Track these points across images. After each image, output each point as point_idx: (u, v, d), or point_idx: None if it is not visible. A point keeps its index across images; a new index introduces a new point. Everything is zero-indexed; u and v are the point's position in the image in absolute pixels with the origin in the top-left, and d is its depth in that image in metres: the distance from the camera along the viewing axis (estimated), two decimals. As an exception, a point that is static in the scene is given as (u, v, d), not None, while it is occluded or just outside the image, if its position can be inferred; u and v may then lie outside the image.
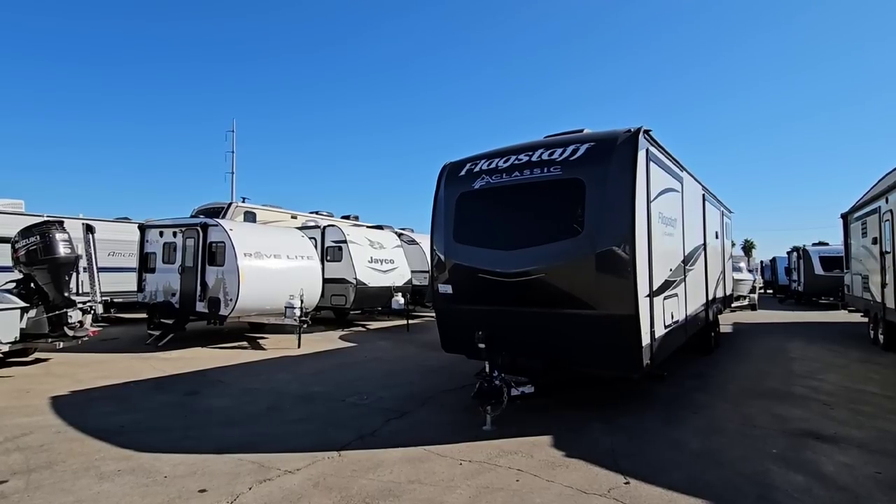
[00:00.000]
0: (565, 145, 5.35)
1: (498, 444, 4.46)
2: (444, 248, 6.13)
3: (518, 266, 5.30)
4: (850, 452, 4.26)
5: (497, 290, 5.51)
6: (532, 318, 5.43)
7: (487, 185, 5.79)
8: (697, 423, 5.12)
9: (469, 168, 6.11)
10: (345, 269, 13.05)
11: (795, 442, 4.53)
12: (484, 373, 5.00)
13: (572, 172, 5.16)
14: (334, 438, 4.61)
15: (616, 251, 4.79)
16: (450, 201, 6.18)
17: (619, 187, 4.87)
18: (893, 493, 3.47)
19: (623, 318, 4.80)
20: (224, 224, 10.37)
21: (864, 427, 4.97)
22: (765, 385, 6.83)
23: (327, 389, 6.57)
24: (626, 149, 4.98)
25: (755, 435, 4.73)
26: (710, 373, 7.65)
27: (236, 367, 8.17)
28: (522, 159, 5.60)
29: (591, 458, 4.13)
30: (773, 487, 3.57)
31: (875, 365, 8.27)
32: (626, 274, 4.75)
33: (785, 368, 7.99)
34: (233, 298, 9.82)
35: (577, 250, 4.97)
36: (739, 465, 3.98)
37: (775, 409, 5.64)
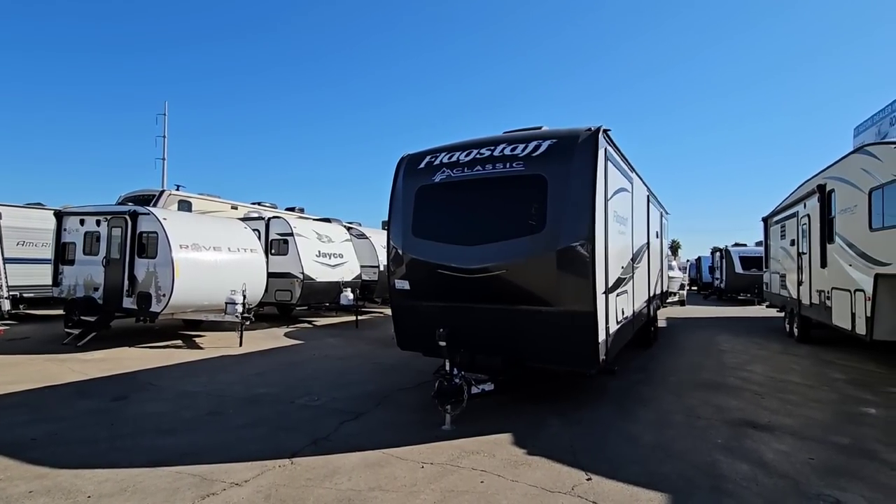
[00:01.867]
0: (527, 141, 5.33)
1: (459, 445, 4.36)
2: (402, 242, 5.94)
3: (478, 262, 5.22)
4: (785, 440, 4.57)
5: (456, 286, 5.41)
6: (492, 315, 5.38)
7: (448, 178, 5.66)
8: (647, 415, 5.31)
9: (429, 161, 5.95)
10: (291, 262, 12.46)
11: (736, 431, 4.80)
12: (443, 371, 4.88)
13: (535, 169, 5.14)
14: (285, 444, 4.31)
15: (576, 248, 4.84)
16: (408, 194, 5.99)
17: (580, 185, 4.91)
18: (828, 478, 3.73)
19: (581, 314, 4.86)
20: (157, 212, 9.52)
21: (793, 415, 5.37)
22: (702, 377, 7.24)
23: (275, 391, 6.18)
24: (587, 147, 5.03)
25: (700, 426, 4.97)
26: (652, 366, 8.01)
27: (171, 368, 7.53)
28: (484, 154, 5.52)
29: (553, 454, 4.13)
30: (723, 477, 3.74)
31: (794, 356, 9.04)
32: (586, 271, 4.81)
33: (717, 360, 8.54)
34: (166, 294, 9.04)
35: (538, 247, 4.97)
36: (690, 457, 4.14)
37: (714, 399, 5.97)
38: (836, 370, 7.76)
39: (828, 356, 8.92)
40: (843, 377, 7.27)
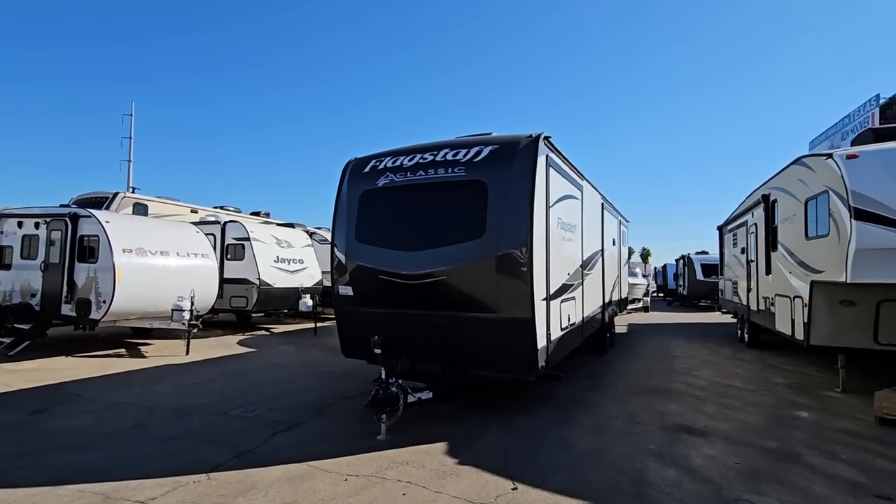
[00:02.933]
0: (469, 147, 5.30)
1: (390, 455, 4.25)
2: (346, 247, 5.81)
3: (420, 267, 5.14)
4: (716, 445, 4.63)
5: (398, 291, 5.32)
6: (433, 322, 5.31)
7: (391, 183, 5.58)
8: (587, 422, 5.31)
9: (374, 165, 5.85)
10: (247, 268, 12.12)
11: (671, 437, 4.84)
12: (380, 379, 4.77)
13: (475, 174, 5.11)
14: (206, 458, 4.10)
15: (515, 254, 4.81)
16: (352, 199, 5.88)
17: (519, 191, 4.90)
18: (749, 483, 3.78)
19: (519, 321, 4.83)
20: (98, 215, 9.10)
21: (729, 420, 5.46)
22: (649, 382, 7.32)
23: (211, 401, 5.93)
24: (526, 153, 5.03)
25: (637, 432, 4.99)
26: (603, 372, 8.07)
27: (104, 378, 7.15)
28: (427, 158, 5.46)
29: (484, 464, 4.06)
30: (649, 484, 3.74)
31: (741, 361, 9.27)
32: (524, 277, 4.78)
33: (667, 366, 8.68)
34: (106, 300, 8.63)
35: (478, 253, 4.92)
36: (621, 463, 4.13)
37: (656, 405, 6.03)
38: (779, 375, 7.98)
39: (773, 361, 9.19)
40: (784, 381, 7.48)
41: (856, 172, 5.58)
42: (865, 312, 6.47)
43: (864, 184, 5.48)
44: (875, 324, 6.48)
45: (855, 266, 5.45)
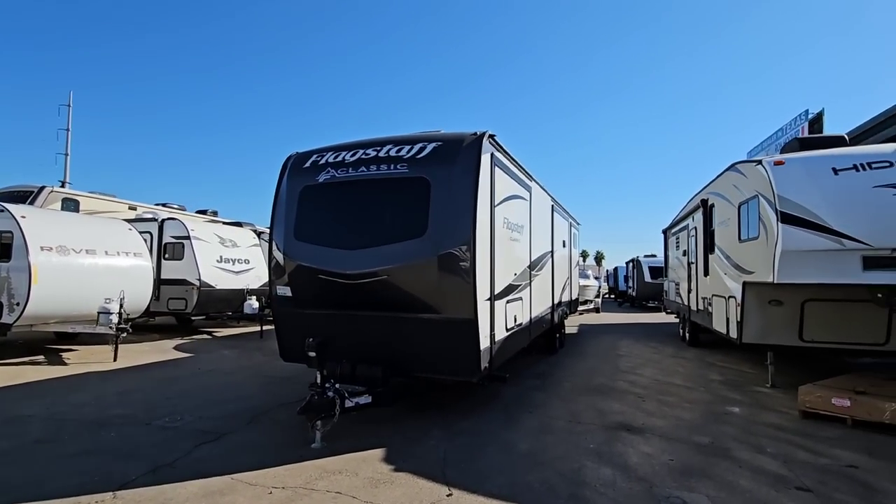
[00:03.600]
0: (413, 143, 5.17)
1: (322, 464, 4.03)
2: (284, 245, 5.53)
3: (360, 267, 4.95)
4: (652, 442, 4.70)
5: (338, 292, 5.10)
6: (374, 323, 5.13)
7: (332, 179, 5.35)
8: (531, 422, 5.28)
9: (315, 160, 5.61)
10: (187, 268, 11.44)
11: (610, 435, 4.88)
12: (316, 384, 4.54)
13: (418, 171, 4.98)
14: (115, 474, 3.74)
15: (457, 254, 4.71)
16: (292, 195, 5.61)
17: (462, 189, 4.81)
18: (681, 479, 3.83)
19: (462, 322, 4.74)
20: (13, 209, 8.30)
21: (667, 417, 5.59)
22: (594, 381, 7.43)
23: (132, 411, 5.48)
24: (470, 151, 4.95)
25: (578, 431, 5.01)
26: (551, 372, 8.14)
27: (12, 388, 6.49)
28: (370, 154, 5.28)
29: (421, 470, 3.92)
30: (584, 484, 3.72)
31: (682, 359, 9.62)
32: (466, 277, 4.69)
33: (613, 365, 8.87)
34: (20, 302, 7.87)
35: (420, 252, 4.79)
36: (559, 464, 4.11)
37: (599, 403, 6.10)
38: (715, 372, 8.32)
39: (711, 358, 9.59)
40: (720, 378, 7.79)
41: (782, 178, 5.86)
42: (791, 312, 6.83)
43: (790, 189, 5.76)
44: (800, 322, 6.85)
45: (781, 267, 5.71)
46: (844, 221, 5.38)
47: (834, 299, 6.56)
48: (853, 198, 5.46)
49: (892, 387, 5.82)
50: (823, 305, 6.68)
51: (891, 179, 5.37)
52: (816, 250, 5.55)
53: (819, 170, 5.75)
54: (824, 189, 5.60)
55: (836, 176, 5.62)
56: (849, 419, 5.27)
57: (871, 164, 5.55)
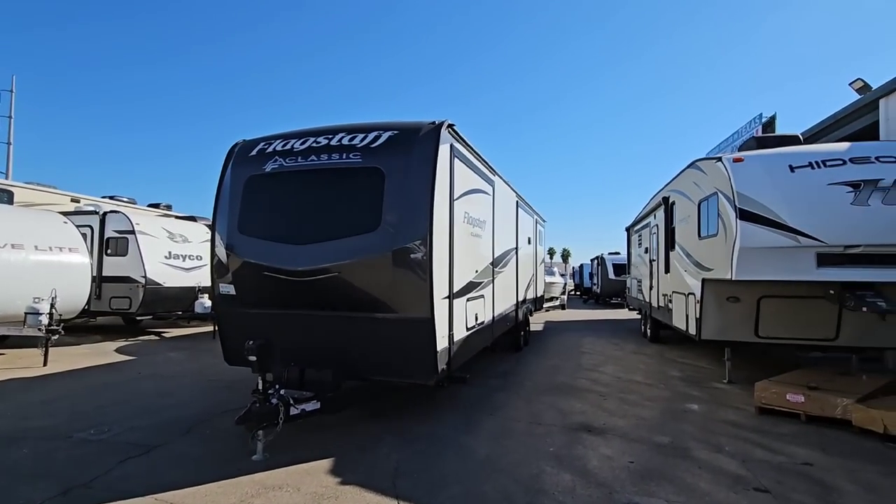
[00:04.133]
0: (367, 131, 4.86)
1: (262, 479, 3.69)
2: (227, 240, 5.11)
3: (309, 263, 4.61)
4: (613, 443, 4.58)
5: (285, 290, 4.75)
6: (324, 324, 4.80)
7: (280, 168, 4.98)
8: (491, 425, 5.08)
9: (262, 148, 5.21)
10: (131, 265, 10.68)
11: (571, 437, 4.73)
12: (257, 390, 4.17)
13: (372, 161, 4.68)
14: (17, 499, 3.29)
15: (413, 249, 4.44)
16: (236, 185, 5.20)
17: (418, 181, 4.54)
18: (641, 483, 3.70)
19: (417, 321, 4.47)
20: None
21: (627, 416, 5.50)
22: (557, 380, 7.32)
23: (54, 422, 4.95)
24: (428, 141, 4.68)
25: (539, 433, 4.84)
26: (514, 370, 7.99)
27: (-84, 399, 5.79)
28: (321, 142, 4.94)
29: (370, 482, 3.64)
30: (543, 492, 3.53)
31: (643, 356, 9.68)
32: (422, 274, 4.43)
33: (575, 363, 8.81)
34: (-68, 302, 7.09)
35: (373, 247, 4.49)
36: (517, 470, 3.91)
37: (561, 403, 5.97)
38: (675, 368, 8.38)
39: (671, 355, 9.69)
40: (679, 375, 7.84)
41: (741, 175, 5.87)
42: (748, 308, 6.90)
43: (748, 186, 5.77)
44: (756, 319, 6.93)
45: (739, 264, 5.72)
46: (800, 218, 5.42)
47: (788, 296, 6.66)
48: (808, 195, 5.51)
49: (843, 381, 5.95)
50: (778, 302, 6.78)
51: (844, 177, 5.44)
52: (773, 247, 5.57)
53: (776, 167, 5.78)
54: (781, 186, 5.64)
55: (793, 173, 5.67)
56: (803, 415, 5.32)
57: (825, 161, 5.62)
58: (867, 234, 5.28)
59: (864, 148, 5.78)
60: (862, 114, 9.46)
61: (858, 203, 5.30)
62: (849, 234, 5.31)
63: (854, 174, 5.41)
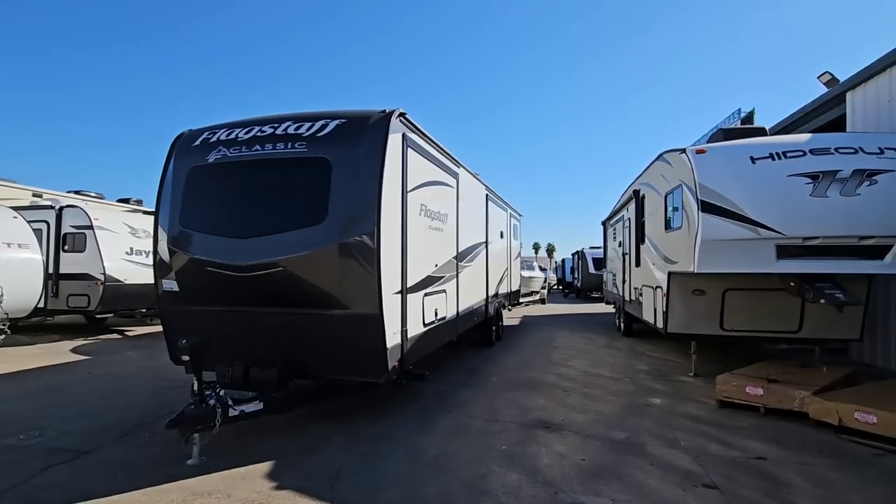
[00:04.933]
0: (314, 120, 4.64)
1: (192, 485, 3.49)
2: (169, 234, 4.87)
3: (252, 258, 4.39)
4: (568, 440, 4.48)
5: (229, 286, 4.53)
6: (269, 320, 4.60)
7: (224, 158, 4.74)
8: (447, 424, 4.94)
9: (205, 138, 4.96)
10: (89, 261, 10.29)
11: (526, 434, 4.62)
12: (193, 391, 3.97)
13: (318, 151, 4.47)
14: (-84, 514, 3.05)
15: (360, 242, 4.25)
16: (178, 177, 4.95)
17: (366, 171, 4.35)
18: (589, 482, 3.60)
19: (365, 317, 4.30)
20: None
21: (588, 411, 5.42)
22: (524, 375, 7.23)
23: (-17, 428, 4.67)
24: (377, 130, 4.49)
25: (494, 431, 4.72)
26: (483, 366, 7.87)
27: None
28: (266, 131, 4.71)
29: (307, 486, 3.48)
30: (486, 493, 3.40)
31: (614, 349, 9.66)
32: (370, 269, 4.24)
33: (546, 357, 8.73)
34: None
35: (319, 240, 4.30)
36: (464, 471, 3.78)
37: (523, 399, 5.86)
38: (643, 362, 8.36)
39: (641, 348, 9.69)
40: (646, 368, 7.81)
41: (703, 167, 5.80)
42: (713, 301, 6.87)
43: (710, 178, 5.70)
44: (721, 312, 6.91)
45: (701, 256, 5.66)
46: (760, 210, 5.37)
47: (752, 288, 6.64)
48: (768, 187, 5.46)
49: (804, 373, 5.95)
50: (742, 294, 6.76)
51: (804, 168, 5.40)
52: (734, 239, 5.52)
53: (738, 159, 5.72)
54: (742, 178, 5.58)
55: (754, 165, 5.61)
56: (762, 408, 5.29)
57: (786, 153, 5.57)
58: (825, 226, 5.25)
59: (824, 139, 5.75)
60: (830, 107, 9.51)
61: (817, 195, 5.27)
62: (807, 226, 5.28)
63: (813, 165, 5.37)
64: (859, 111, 8.41)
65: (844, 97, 8.80)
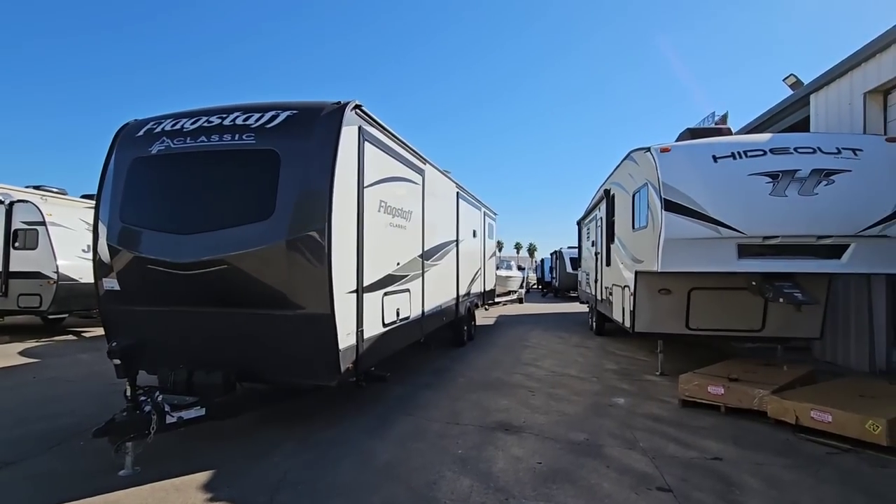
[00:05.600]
0: (265, 111, 4.43)
1: (117, 498, 3.26)
2: (108, 230, 4.60)
3: (196, 255, 4.16)
4: (526, 443, 4.37)
5: (171, 285, 4.29)
6: (214, 321, 4.38)
7: (167, 150, 4.49)
8: (405, 427, 4.78)
9: (150, 128, 4.70)
10: (41, 259, 9.80)
11: (485, 437, 4.50)
12: (126, 397, 3.72)
13: (266, 142, 4.26)
14: None
15: (309, 239, 4.06)
16: (120, 169, 4.68)
17: (317, 165, 4.15)
18: (542, 486, 3.49)
19: (316, 317, 4.11)
20: None
21: (550, 412, 5.33)
22: (492, 375, 7.11)
23: None
24: (330, 122, 4.30)
25: (452, 434, 4.58)
26: (451, 366, 7.73)
27: None
28: (213, 122, 4.47)
29: (244, 497, 3.28)
30: (433, 501, 3.26)
31: (585, 349, 9.64)
32: (320, 266, 4.06)
33: (516, 357, 8.65)
34: None
35: (267, 236, 4.09)
36: (415, 477, 3.63)
37: (487, 400, 5.75)
38: (612, 361, 8.34)
39: (612, 347, 9.69)
40: (615, 367, 7.78)
41: (667, 165, 5.76)
42: (679, 300, 6.87)
43: (674, 176, 5.67)
44: (686, 311, 6.92)
45: (665, 256, 5.62)
46: (720, 209, 5.35)
47: (717, 288, 6.66)
48: (729, 186, 5.45)
49: (765, 372, 5.98)
50: (707, 294, 6.78)
51: (764, 168, 5.41)
52: (696, 238, 5.50)
53: (700, 157, 5.71)
54: (704, 177, 5.57)
55: (716, 164, 5.60)
56: (723, 407, 5.28)
57: (747, 152, 5.57)
58: (784, 226, 5.26)
59: (785, 139, 5.78)
60: (794, 109, 9.66)
61: (776, 194, 5.27)
62: (767, 226, 5.29)
63: (773, 165, 5.38)
64: (822, 113, 8.55)
65: (808, 99, 8.94)
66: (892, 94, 7.30)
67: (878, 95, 7.38)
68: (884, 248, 5.19)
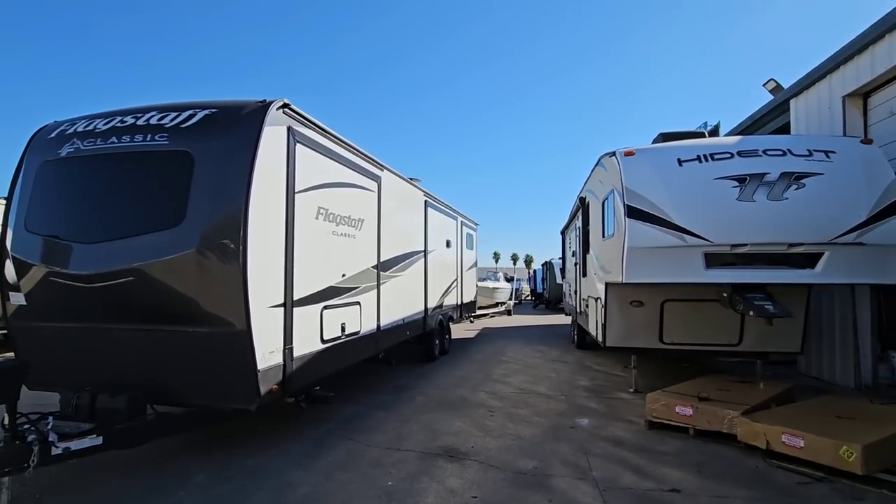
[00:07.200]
0: (181, 110, 4.09)
1: (-27, 545, 2.85)
2: (13, 239, 4.23)
3: (97, 266, 3.80)
4: (467, 472, 3.96)
5: (74, 298, 3.92)
6: (119, 339, 3.98)
7: (76, 152, 4.14)
8: (338, 454, 4.36)
9: (62, 130, 4.36)
10: None
11: (423, 466, 4.08)
12: (3, 426, 3.31)
13: (180, 143, 3.92)
14: None
15: (223, 247, 3.70)
16: (28, 174, 4.33)
17: (234, 167, 3.80)
18: (467, 526, 3.07)
19: (230, 335, 3.72)
20: None
21: (504, 435, 4.91)
22: (454, 394, 6.69)
23: None
24: (251, 122, 3.95)
25: (388, 462, 4.16)
26: (413, 384, 7.30)
27: None
28: (127, 122, 4.14)
29: (120, 543, 2.86)
30: (337, 547, 2.85)
31: (561, 363, 9.21)
32: (235, 278, 3.68)
33: (486, 373, 8.21)
34: None
35: (175, 245, 3.73)
36: (327, 516, 3.22)
37: (440, 422, 5.32)
38: (587, 376, 7.92)
39: (590, 362, 9.27)
40: (587, 384, 7.36)
41: (631, 170, 5.44)
42: (652, 313, 6.49)
43: (638, 182, 5.34)
44: (660, 324, 6.53)
45: (629, 266, 5.26)
46: (685, 216, 5.01)
47: (690, 299, 6.29)
48: (694, 191, 5.12)
49: (740, 390, 5.57)
50: (681, 306, 6.40)
51: (731, 171, 5.07)
52: (661, 247, 5.14)
53: (664, 161, 5.38)
54: (668, 181, 5.23)
55: (681, 167, 5.27)
56: (691, 429, 4.88)
57: (713, 155, 5.24)
58: (753, 233, 4.91)
59: (753, 141, 5.46)
60: (776, 114, 9.38)
61: (744, 199, 4.93)
62: (735, 233, 4.93)
63: (740, 168, 5.05)
64: (802, 118, 8.25)
65: (789, 104, 8.66)
66: (872, 98, 7.02)
67: (857, 99, 7.09)
68: (860, 256, 4.83)
